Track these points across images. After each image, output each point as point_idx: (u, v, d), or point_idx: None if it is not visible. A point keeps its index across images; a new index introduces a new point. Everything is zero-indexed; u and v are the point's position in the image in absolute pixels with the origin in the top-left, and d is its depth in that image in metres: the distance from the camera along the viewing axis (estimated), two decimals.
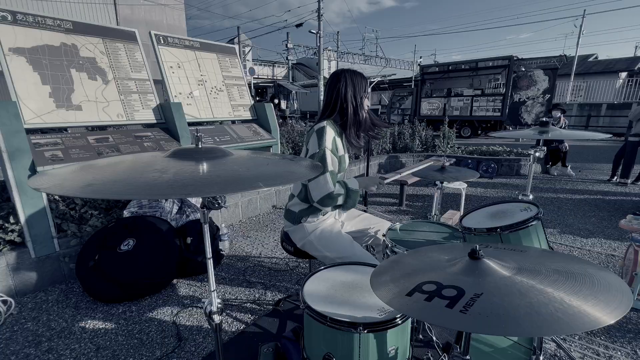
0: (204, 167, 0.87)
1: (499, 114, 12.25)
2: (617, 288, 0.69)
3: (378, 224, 1.80)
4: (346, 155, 1.64)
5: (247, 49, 18.72)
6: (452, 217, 3.33)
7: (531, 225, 1.39)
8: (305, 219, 1.63)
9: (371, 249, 1.86)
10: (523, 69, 12.17)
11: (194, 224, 2.64)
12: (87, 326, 1.92)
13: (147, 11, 13.01)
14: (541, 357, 1.29)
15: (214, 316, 1.02)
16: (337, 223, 1.73)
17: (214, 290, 1.03)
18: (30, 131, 2.36)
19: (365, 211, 1.97)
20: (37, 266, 2.25)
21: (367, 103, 1.61)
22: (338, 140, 1.56)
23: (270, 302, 2.16)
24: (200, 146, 0.97)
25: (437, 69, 14.86)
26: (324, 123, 1.52)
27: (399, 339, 1.04)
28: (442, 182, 2.07)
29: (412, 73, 25.34)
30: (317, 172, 1.03)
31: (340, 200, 1.51)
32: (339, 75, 1.56)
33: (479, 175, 2.42)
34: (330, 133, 1.51)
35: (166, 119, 3.08)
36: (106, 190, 0.71)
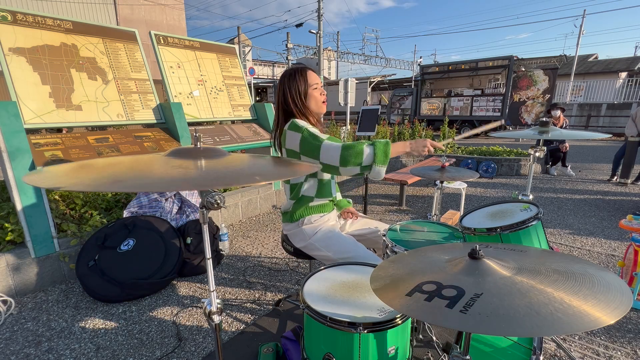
0: (202, 163, 0.87)
1: (499, 114, 12.26)
2: (617, 288, 0.69)
3: (379, 226, 1.80)
4: None
5: (247, 49, 18.71)
6: (452, 217, 3.33)
7: (531, 225, 1.39)
8: (302, 219, 1.62)
9: (372, 251, 1.86)
10: (523, 69, 12.19)
11: (194, 224, 2.64)
12: (87, 326, 1.92)
13: (147, 11, 13.02)
14: (541, 357, 1.29)
15: (214, 316, 1.02)
16: (337, 225, 1.73)
17: (213, 290, 1.03)
18: (30, 131, 2.36)
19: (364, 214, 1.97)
20: (37, 266, 2.25)
21: (316, 94, 1.56)
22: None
23: (270, 302, 2.16)
24: (199, 146, 0.97)
25: (437, 69, 14.87)
26: (291, 120, 1.52)
27: (399, 339, 1.04)
28: (442, 182, 2.07)
29: (412, 73, 25.34)
30: (315, 167, 1.03)
31: (366, 150, 1.31)
32: (280, 79, 1.58)
33: (479, 175, 2.42)
34: (302, 122, 1.50)
35: (166, 119, 3.08)
36: (103, 184, 0.71)
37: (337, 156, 1.34)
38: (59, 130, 2.71)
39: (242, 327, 1.91)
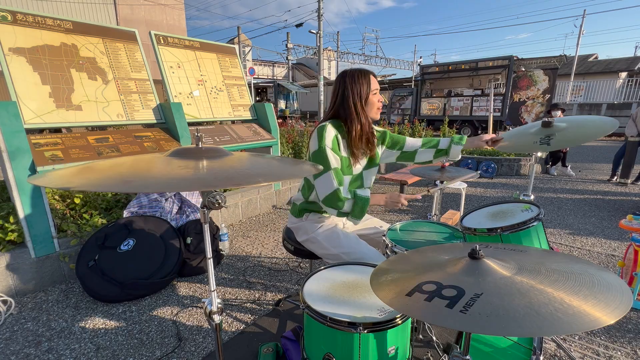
0: (204, 164, 0.87)
1: (499, 114, 12.26)
2: (617, 288, 0.69)
3: (381, 227, 1.80)
4: (354, 161, 1.57)
5: (247, 49, 18.71)
6: (452, 217, 3.33)
7: (532, 226, 1.39)
8: (307, 215, 1.63)
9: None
10: (523, 69, 12.18)
11: (194, 224, 2.64)
12: (87, 326, 1.92)
13: (147, 11, 13.01)
14: (541, 357, 1.29)
15: (214, 316, 1.02)
16: (340, 223, 1.73)
17: (214, 290, 1.03)
18: (30, 131, 2.36)
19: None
20: (37, 266, 2.25)
21: (375, 99, 1.54)
22: (342, 141, 1.52)
23: (270, 302, 2.16)
24: (200, 146, 0.97)
25: (437, 69, 14.86)
26: (327, 122, 1.51)
27: (399, 339, 1.04)
28: (442, 182, 2.07)
29: (412, 73, 25.36)
30: (315, 170, 1.03)
31: (346, 206, 1.45)
32: (340, 78, 1.55)
33: (479, 175, 2.42)
34: (332, 132, 1.48)
35: (166, 119, 3.08)
36: (111, 184, 0.71)
37: (324, 194, 1.46)
38: (57, 130, 2.71)
39: (242, 327, 1.91)
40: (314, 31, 17.35)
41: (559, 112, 5.76)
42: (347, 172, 1.57)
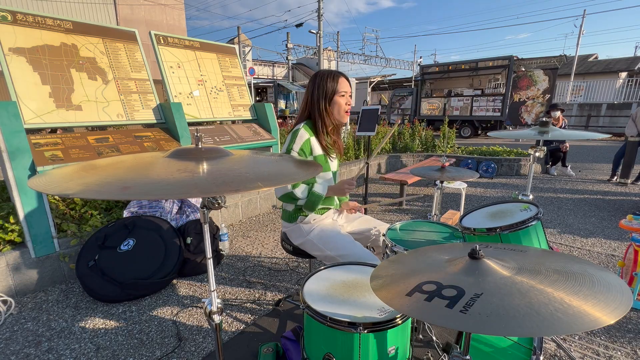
0: (204, 167, 0.87)
1: (499, 114, 12.26)
2: (617, 288, 0.69)
3: (378, 226, 1.80)
4: (330, 157, 1.67)
5: (247, 49, 18.69)
6: (452, 217, 3.33)
7: (531, 225, 1.39)
8: (301, 218, 1.64)
9: (371, 249, 1.86)
10: (523, 69, 12.19)
11: (194, 224, 2.64)
12: (87, 326, 1.92)
13: (147, 11, 13.01)
14: (541, 357, 1.29)
15: (214, 316, 1.02)
16: (335, 224, 1.73)
17: (214, 290, 1.03)
18: (30, 131, 2.36)
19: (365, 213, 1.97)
20: (37, 266, 2.25)
21: (342, 101, 1.60)
22: (314, 141, 1.59)
23: (270, 302, 2.16)
24: (200, 146, 0.97)
25: (437, 69, 14.86)
26: (301, 125, 1.57)
27: (399, 339, 1.04)
28: (442, 182, 2.07)
29: (412, 73, 25.36)
30: (314, 171, 1.03)
31: (300, 202, 1.57)
32: (311, 78, 1.63)
33: (479, 175, 2.42)
34: (304, 135, 1.55)
35: (166, 119, 3.08)
36: (111, 191, 0.71)
37: (280, 194, 1.54)
38: (53, 130, 2.70)
39: (242, 327, 1.91)
40: (314, 31, 17.33)
41: (557, 113, 5.76)
42: (326, 168, 1.64)
